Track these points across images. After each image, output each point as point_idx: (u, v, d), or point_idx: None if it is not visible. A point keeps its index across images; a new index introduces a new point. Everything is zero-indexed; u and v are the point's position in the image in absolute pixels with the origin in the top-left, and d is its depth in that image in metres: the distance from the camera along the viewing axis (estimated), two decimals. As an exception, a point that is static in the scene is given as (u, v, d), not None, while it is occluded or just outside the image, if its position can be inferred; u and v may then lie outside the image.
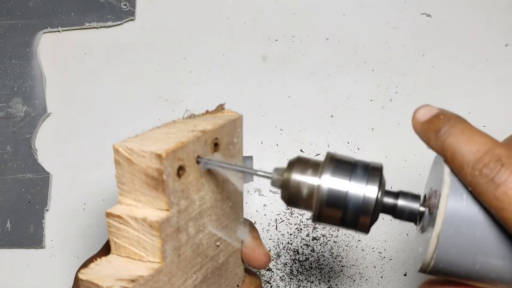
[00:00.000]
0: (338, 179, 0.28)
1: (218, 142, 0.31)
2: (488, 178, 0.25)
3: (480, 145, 0.26)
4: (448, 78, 0.61)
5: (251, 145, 0.59)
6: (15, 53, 0.62)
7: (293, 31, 0.63)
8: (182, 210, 0.29)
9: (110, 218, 0.28)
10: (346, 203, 0.27)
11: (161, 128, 0.32)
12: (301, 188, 0.28)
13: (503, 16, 0.62)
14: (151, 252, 0.27)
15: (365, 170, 0.28)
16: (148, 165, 0.27)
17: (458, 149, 0.26)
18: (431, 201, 0.28)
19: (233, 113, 0.36)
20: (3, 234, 0.57)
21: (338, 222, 0.28)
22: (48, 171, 0.59)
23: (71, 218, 0.58)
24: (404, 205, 0.29)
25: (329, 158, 0.29)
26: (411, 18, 0.63)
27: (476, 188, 0.26)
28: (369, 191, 0.27)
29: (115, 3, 0.63)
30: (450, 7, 0.63)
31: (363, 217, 0.28)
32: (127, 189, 0.28)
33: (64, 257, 0.57)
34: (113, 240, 0.28)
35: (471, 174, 0.26)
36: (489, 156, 0.26)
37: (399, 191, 0.29)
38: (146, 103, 0.61)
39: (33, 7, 0.64)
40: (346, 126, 0.59)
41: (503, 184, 0.25)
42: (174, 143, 0.27)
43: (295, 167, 0.29)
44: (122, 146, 0.28)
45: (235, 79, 0.61)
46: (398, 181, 0.57)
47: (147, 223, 0.27)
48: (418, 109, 0.30)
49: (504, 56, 0.61)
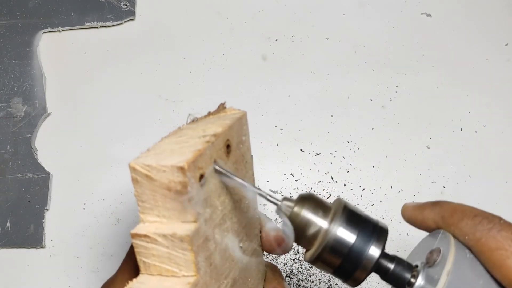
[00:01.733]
0: (347, 230, 0.28)
1: (229, 144, 0.31)
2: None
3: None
4: (448, 78, 0.61)
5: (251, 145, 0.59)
6: (15, 53, 0.62)
7: (293, 31, 0.63)
8: (207, 219, 0.28)
9: (136, 239, 0.26)
10: (348, 255, 0.28)
11: (170, 137, 0.31)
12: (308, 227, 0.29)
13: (503, 16, 0.62)
14: (185, 267, 0.26)
15: (373, 229, 0.29)
16: (170, 179, 0.26)
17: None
18: (432, 257, 0.28)
19: (236, 111, 0.36)
20: (3, 234, 0.57)
21: (333, 270, 0.29)
22: (48, 171, 0.59)
23: (71, 218, 0.58)
24: (396, 271, 0.29)
25: (343, 206, 0.29)
26: (411, 18, 0.63)
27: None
28: (373, 250, 0.28)
29: (115, 3, 0.63)
30: (450, 7, 0.63)
31: (360, 271, 0.28)
32: (149, 206, 0.27)
33: (64, 257, 0.57)
34: (142, 260, 0.27)
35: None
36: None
37: (395, 256, 0.30)
38: (146, 103, 0.61)
39: (33, 7, 0.64)
40: (346, 126, 0.59)
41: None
42: (191, 152, 0.26)
43: (307, 204, 0.29)
44: (139, 163, 0.26)
45: (235, 79, 0.61)
46: (398, 181, 0.57)
47: (177, 238, 0.26)
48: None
49: (504, 56, 0.61)
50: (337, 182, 0.57)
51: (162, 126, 0.60)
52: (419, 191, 0.57)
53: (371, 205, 0.57)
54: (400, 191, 0.57)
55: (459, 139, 0.59)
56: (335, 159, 0.58)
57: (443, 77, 0.61)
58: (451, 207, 0.29)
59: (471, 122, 0.59)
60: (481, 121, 0.59)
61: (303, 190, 0.57)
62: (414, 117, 0.59)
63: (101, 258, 0.57)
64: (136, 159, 0.27)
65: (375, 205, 0.57)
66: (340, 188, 0.57)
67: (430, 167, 0.58)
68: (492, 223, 0.27)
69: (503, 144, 0.58)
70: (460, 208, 0.29)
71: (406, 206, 0.32)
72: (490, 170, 0.57)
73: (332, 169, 0.58)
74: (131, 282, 0.26)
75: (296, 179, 0.58)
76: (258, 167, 0.58)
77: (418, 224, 0.31)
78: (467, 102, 0.60)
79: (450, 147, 0.58)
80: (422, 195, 0.57)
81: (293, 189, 0.57)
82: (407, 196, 0.57)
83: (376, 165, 0.58)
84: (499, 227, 0.27)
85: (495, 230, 0.26)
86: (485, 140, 0.58)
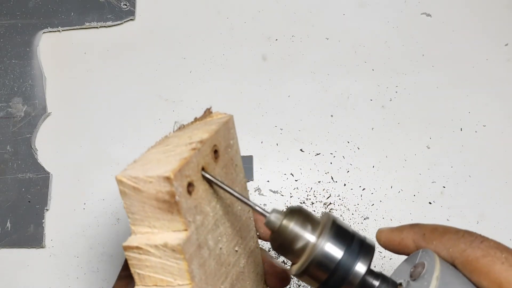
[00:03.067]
0: (334, 245, 0.28)
1: (217, 149, 0.31)
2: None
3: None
4: (448, 78, 0.61)
5: (251, 145, 0.59)
6: (15, 53, 0.62)
7: (293, 31, 0.63)
8: (199, 226, 0.28)
9: (128, 251, 0.27)
10: (335, 270, 0.28)
11: (157, 147, 0.31)
12: (296, 240, 0.29)
13: (503, 16, 0.62)
14: (179, 276, 0.26)
15: (361, 246, 0.29)
16: (158, 189, 0.26)
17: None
18: (416, 271, 0.29)
19: (222, 115, 0.35)
20: (3, 234, 0.57)
21: (319, 284, 0.29)
22: (48, 171, 0.59)
23: (71, 218, 0.58)
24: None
25: (331, 222, 0.29)
26: (411, 18, 0.63)
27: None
28: (359, 267, 0.28)
29: (115, 3, 0.63)
30: (450, 7, 0.63)
31: (346, 287, 0.29)
32: (139, 218, 0.27)
33: (64, 257, 0.57)
34: (136, 272, 0.27)
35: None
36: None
37: (381, 273, 0.30)
38: (146, 103, 0.61)
39: (33, 7, 0.64)
40: (346, 126, 0.59)
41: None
42: (177, 161, 0.26)
43: (296, 218, 0.29)
44: (125, 176, 0.26)
45: (235, 79, 0.61)
46: (398, 181, 0.57)
47: (169, 248, 0.26)
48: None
49: (504, 56, 0.61)
50: (337, 182, 0.57)
51: (162, 126, 0.60)
52: (419, 191, 0.57)
53: (371, 205, 0.57)
54: (400, 191, 0.57)
55: (459, 139, 0.59)
56: (335, 159, 0.58)
57: (443, 77, 0.61)
58: (432, 226, 0.30)
59: (471, 122, 0.59)
60: (481, 121, 0.59)
61: (303, 190, 0.57)
62: (414, 117, 0.59)
63: (101, 258, 0.57)
64: (122, 171, 0.27)
65: (375, 205, 0.57)
66: (340, 188, 0.57)
67: (430, 167, 0.58)
68: (474, 236, 0.28)
69: (503, 144, 0.58)
70: (441, 226, 0.30)
71: (382, 230, 0.33)
72: (490, 170, 0.57)
73: (332, 169, 0.58)
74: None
75: (296, 179, 0.58)
76: (258, 167, 0.58)
77: (396, 245, 0.32)
78: (467, 102, 0.60)
79: (450, 147, 0.58)
80: (422, 195, 0.57)
81: (293, 189, 0.57)
82: (407, 196, 0.57)
83: (376, 165, 0.58)
84: (481, 238, 0.28)
85: (478, 241, 0.28)
86: (485, 140, 0.58)
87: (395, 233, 0.32)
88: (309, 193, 0.57)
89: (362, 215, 0.56)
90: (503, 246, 0.27)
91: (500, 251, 0.27)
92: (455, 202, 0.56)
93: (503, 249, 0.27)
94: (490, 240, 0.28)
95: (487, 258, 0.27)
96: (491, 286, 0.26)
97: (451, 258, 0.28)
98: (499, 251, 0.27)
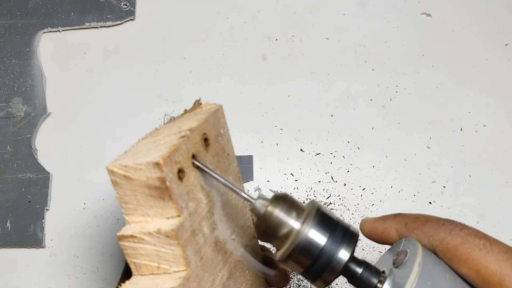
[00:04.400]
0: (318, 232, 0.29)
1: (207, 137, 0.31)
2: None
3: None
4: (448, 78, 0.61)
5: (251, 145, 0.59)
6: (15, 53, 0.62)
7: (293, 31, 0.63)
8: (192, 212, 0.28)
9: (123, 240, 0.27)
10: (318, 256, 0.29)
11: (147, 138, 0.31)
12: (280, 226, 0.29)
13: (503, 16, 0.62)
14: (174, 262, 0.26)
15: (344, 233, 0.29)
16: (148, 176, 0.26)
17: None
18: (398, 258, 0.30)
19: (211, 105, 0.36)
20: (3, 234, 0.57)
21: (302, 270, 0.29)
22: (48, 171, 0.59)
23: (71, 218, 0.58)
24: (364, 276, 0.30)
25: (316, 209, 0.30)
26: (411, 18, 0.63)
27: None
28: (342, 253, 0.29)
29: (115, 3, 0.63)
30: (450, 7, 0.63)
31: (328, 274, 0.29)
32: (132, 207, 0.27)
33: (64, 257, 0.57)
34: (132, 261, 0.27)
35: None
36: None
37: (364, 261, 0.30)
38: (146, 103, 0.61)
39: (33, 7, 0.64)
40: (346, 126, 0.59)
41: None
42: (167, 148, 0.27)
43: (281, 204, 0.30)
44: (116, 165, 0.26)
45: (235, 78, 0.61)
46: (398, 181, 0.57)
47: (163, 234, 0.26)
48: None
49: (504, 56, 0.61)
50: (337, 182, 0.57)
51: (162, 126, 0.60)
52: (419, 191, 0.57)
53: (371, 205, 0.57)
54: (400, 191, 0.57)
55: (459, 139, 0.59)
56: (335, 159, 0.58)
57: (443, 77, 0.61)
58: (414, 215, 0.31)
59: (471, 122, 0.59)
60: (481, 121, 0.59)
61: (303, 190, 0.57)
62: (414, 117, 0.59)
63: (101, 258, 0.57)
64: (113, 161, 0.27)
65: (375, 205, 0.57)
66: (340, 188, 0.57)
67: (430, 167, 0.58)
68: (454, 225, 0.29)
69: (503, 144, 0.58)
70: (423, 215, 0.30)
71: (365, 220, 0.33)
72: (490, 170, 0.57)
73: (332, 169, 0.58)
74: (124, 285, 0.26)
75: (296, 179, 0.58)
76: (258, 167, 0.58)
77: (379, 234, 0.32)
78: (467, 102, 0.60)
79: (450, 147, 0.58)
80: (422, 195, 0.57)
81: (293, 189, 0.57)
82: (407, 196, 0.57)
83: (376, 165, 0.58)
84: (460, 226, 0.29)
85: (457, 229, 0.28)
86: (485, 140, 0.58)
87: (378, 222, 0.32)
88: (309, 193, 0.57)
89: (362, 215, 0.56)
90: (481, 233, 0.28)
91: (478, 238, 0.27)
92: (455, 202, 0.56)
93: (481, 236, 0.28)
94: (469, 228, 0.28)
95: (466, 245, 0.27)
96: (470, 273, 0.27)
97: (432, 247, 0.29)
98: (477, 238, 0.27)
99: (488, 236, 0.28)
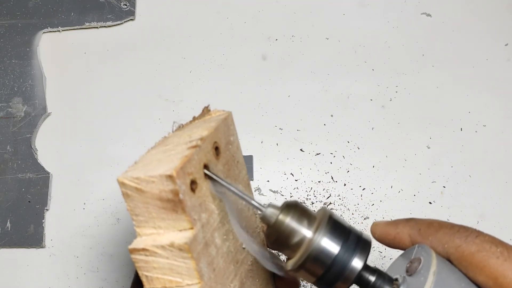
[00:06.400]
0: (331, 240, 0.28)
1: (218, 146, 0.31)
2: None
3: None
4: (448, 78, 0.61)
5: (251, 145, 0.59)
6: (15, 53, 0.62)
7: (293, 31, 0.63)
8: (205, 224, 0.28)
9: (135, 254, 0.26)
10: (331, 265, 0.28)
11: (157, 148, 0.30)
12: (292, 235, 0.29)
13: (503, 16, 0.62)
14: (187, 275, 0.26)
15: (357, 241, 0.29)
16: (161, 189, 0.25)
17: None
18: (412, 266, 0.29)
19: (220, 112, 0.35)
20: (3, 234, 0.57)
21: (314, 279, 0.29)
22: (48, 171, 0.59)
23: (71, 218, 0.58)
24: (377, 285, 0.29)
25: (328, 216, 0.29)
26: (411, 18, 0.63)
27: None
28: (356, 262, 0.28)
29: (115, 3, 0.63)
30: (450, 7, 0.63)
31: (342, 283, 0.28)
32: (143, 219, 0.27)
33: (64, 257, 0.57)
34: (144, 274, 0.26)
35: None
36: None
37: (377, 268, 0.30)
38: (146, 103, 0.61)
39: (33, 7, 0.64)
40: (346, 126, 0.59)
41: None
42: (179, 159, 0.26)
43: (292, 212, 0.29)
44: (127, 177, 0.26)
45: (235, 78, 0.61)
46: (398, 181, 0.57)
47: (176, 248, 0.25)
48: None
49: (504, 56, 0.61)
50: (337, 182, 0.57)
51: (162, 126, 0.60)
52: (419, 191, 0.57)
53: (371, 205, 0.57)
54: (400, 191, 0.57)
55: (459, 139, 0.59)
56: (335, 159, 0.58)
57: (443, 77, 0.61)
58: (427, 221, 0.30)
59: (471, 122, 0.59)
60: (481, 121, 0.59)
61: (303, 190, 0.57)
62: (414, 117, 0.59)
63: (101, 258, 0.57)
64: (124, 173, 0.26)
65: (375, 205, 0.57)
66: (340, 188, 0.57)
67: (430, 167, 0.58)
68: (469, 231, 0.28)
69: (503, 144, 0.58)
70: (436, 221, 0.30)
71: (377, 223, 0.33)
72: (490, 170, 0.57)
73: (332, 169, 0.58)
74: None
75: (296, 179, 0.58)
76: (258, 167, 0.58)
77: (391, 239, 0.32)
78: (467, 102, 0.60)
79: (450, 147, 0.58)
80: (422, 195, 0.57)
81: (293, 189, 0.57)
82: (407, 196, 0.57)
83: (376, 165, 0.58)
84: (476, 233, 0.28)
85: (473, 236, 0.27)
86: (485, 140, 0.58)
87: (390, 227, 0.32)
88: (309, 193, 0.57)
89: (362, 215, 0.56)
90: (498, 240, 0.27)
91: (495, 246, 0.27)
92: (455, 202, 0.56)
93: (498, 243, 0.27)
94: (485, 234, 0.28)
95: (482, 253, 0.27)
96: (487, 281, 0.26)
97: (446, 254, 0.28)
98: (494, 245, 0.27)
99: (505, 243, 0.27)
